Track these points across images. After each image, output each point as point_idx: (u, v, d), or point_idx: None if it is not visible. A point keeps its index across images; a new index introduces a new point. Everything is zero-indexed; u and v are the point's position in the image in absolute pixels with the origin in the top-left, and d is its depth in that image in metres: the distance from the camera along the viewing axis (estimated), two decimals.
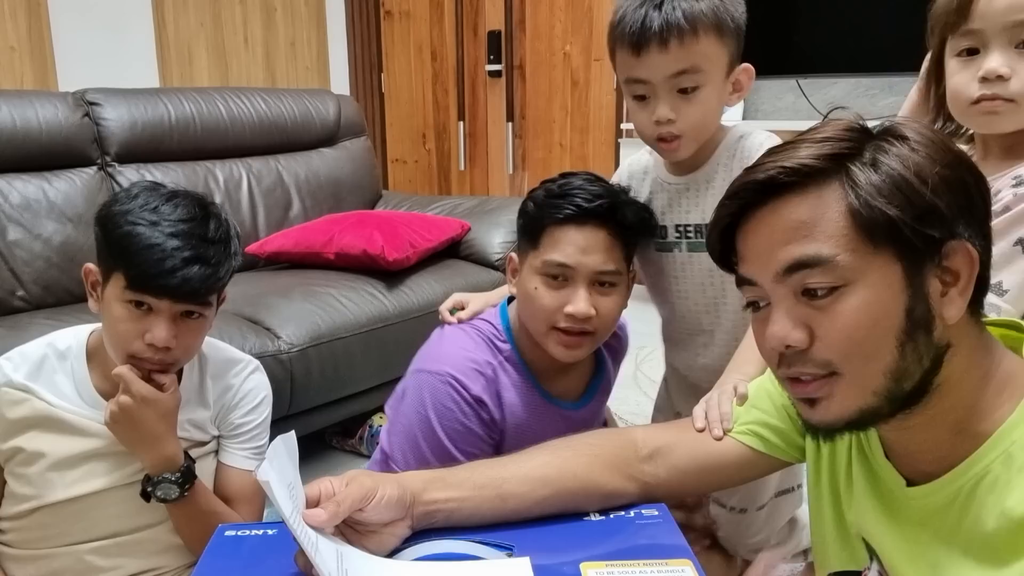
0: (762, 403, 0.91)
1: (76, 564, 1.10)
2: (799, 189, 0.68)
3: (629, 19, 1.07)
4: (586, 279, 1.08)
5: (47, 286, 2.05)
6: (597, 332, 1.10)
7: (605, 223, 1.08)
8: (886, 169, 0.65)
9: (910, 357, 0.66)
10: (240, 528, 0.84)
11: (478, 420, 1.12)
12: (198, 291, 1.02)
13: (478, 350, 1.15)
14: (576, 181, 1.10)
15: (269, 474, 0.68)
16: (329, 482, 0.78)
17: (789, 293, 0.68)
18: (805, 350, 0.68)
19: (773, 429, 0.89)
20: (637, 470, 0.89)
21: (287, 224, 2.61)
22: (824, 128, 0.70)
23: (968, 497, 0.68)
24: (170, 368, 1.07)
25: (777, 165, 0.68)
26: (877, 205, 0.64)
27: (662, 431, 0.95)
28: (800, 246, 0.67)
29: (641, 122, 1.13)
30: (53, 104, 2.20)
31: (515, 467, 0.86)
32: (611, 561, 0.76)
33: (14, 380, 1.09)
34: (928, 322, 0.66)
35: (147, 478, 1.07)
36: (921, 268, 0.66)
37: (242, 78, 4.14)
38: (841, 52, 3.03)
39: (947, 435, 0.70)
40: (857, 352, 0.66)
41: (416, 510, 0.81)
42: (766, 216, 0.69)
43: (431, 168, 4.78)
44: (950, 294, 0.66)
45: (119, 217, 1.03)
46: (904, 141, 0.66)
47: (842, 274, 0.65)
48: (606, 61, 1.13)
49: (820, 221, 0.66)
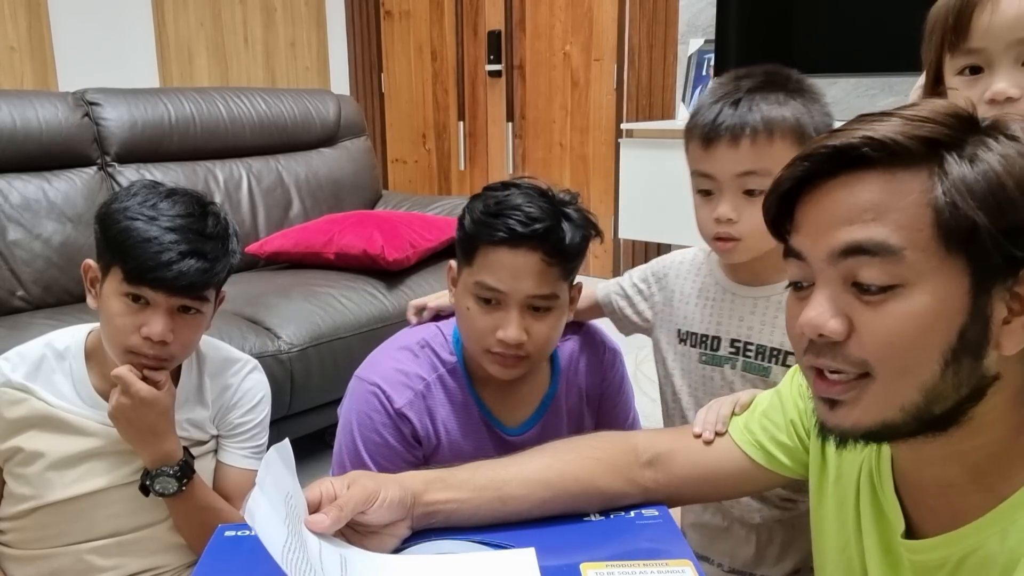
0: (772, 414, 0.88)
1: (76, 564, 1.10)
2: (881, 167, 0.60)
3: (704, 112, 1.03)
4: (519, 304, 1.02)
5: (47, 286, 2.05)
6: (532, 355, 1.06)
7: (541, 245, 1.00)
8: (984, 168, 0.57)
9: (950, 380, 0.60)
10: (240, 528, 0.84)
11: (397, 434, 1.09)
12: (194, 284, 1.03)
13: (413, 363, 1.12)
14: (515, 199, 1.02)
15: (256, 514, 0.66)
16: (330, 483, 0.77)
17: (837, 278, 0.61)
18: (839, 344, 0.61)
19: (779, 445, 0.87)
20: (638, 475, 0.88)
21: (287, 224, 2.61)
22: (924, 106, 0.61)
23: (956, 568, 0.65)
24: (167, 364, 1.07)
25: (862, 135, 0.60)
26: (964, 206, 0.57)
27: (663, 437, 0.94)
28: (865, 229, 0.59)
29: (702, 218, 1.07)
30: (53, 104, 2.20)
31: (516, 469, 0.86)
32: (611, 562, 0.76)
33: (13, 380, 1.09)
34: (980, 347, 0.59)
35: (145, 472, 1.08)
36: (990, 287, 0.58)
37: (242, 78, 4.14)
38: (841, 52, 3.03)
39: (963, 479, 0.65)
40: (896, 360, 0.60)
41: (416, 511, 0.81)
42: (836, 189, 0.61)
43: (431, 168, 4.78)
44: (1014, 323, 0.59)
45: (118, 213, 1.04)
46: (1014, 141, 0.58)
47: (902, 272, 0.58)
48: (606, 61, 1.12)
49: (895, 208, 0.58)
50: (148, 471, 1.08)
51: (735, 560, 1.23)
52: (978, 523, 0.63)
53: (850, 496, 0.78)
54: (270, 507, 0.69)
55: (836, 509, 0.81)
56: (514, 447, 0.97)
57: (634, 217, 3.44)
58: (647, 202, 3.37)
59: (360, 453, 1.09)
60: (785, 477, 0.88)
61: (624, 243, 3.80)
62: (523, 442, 1.11)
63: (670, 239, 3.59)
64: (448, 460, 1.01)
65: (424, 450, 1.12)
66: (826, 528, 0.82)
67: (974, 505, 0.64)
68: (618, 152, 3.49)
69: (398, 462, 1.09)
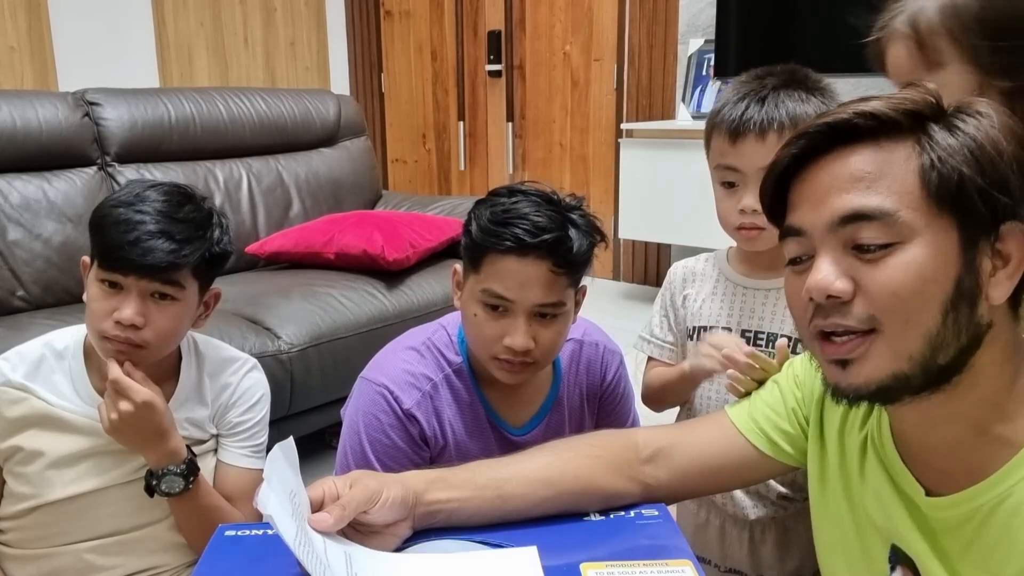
0: (773, 403, 0.90)
1: (76, 563, 1.10)
2: (870, 139, 0.66)
3: (730, 108, 1.08)
4: (526, 311, 1.03)
5: (47, 286, 2.05)
6: (538, 361, 1.07)
7: (549, 255, 1.01)
8: (962, 135, 0.65)
9: (951, 328, 0.65)
10: (240, 528, 0.84)
11: (405, 435, 1.09)
12: (160, 265, 1.02)
13: (420, 363, 1.12)
14: (522, 207, 1.02)
15: (269, 504, 0.67)
16: (332, 483, 0.77)
17: (838, 244, 0.66)
18: (846, 303, 0.66)
19: (782, 433, 0.88)
20: (639, 471, 0.89)
21: (287, 224, 2.61)
22: (901, 91, 0.68)
23: (986, 519, 0.67)
24: (142, 352, 1.06)
25: (852, 110, 0.66)
26: (951, 163, 0.63)
27: (664, 432, 0.94)
28: (862, 196, 0.65)
29: (725, 209, 1.12)
30: (53, 104, 2.20)
31: (517, 468, 0.86)
32: (611, 561, 0.76)
33: (12, 380, 1.09)
34: (974, 296, 0.65)
35: (150, 473, 1.08)
36: (976, 242, 0.65)
37: (242, 78, 4.14)
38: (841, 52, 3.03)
39: (969, 435, 0.68)
40: (901, 310, 0.64)
41: (418, 510, 0.81)
42: (830, 163, 0.67)
43: (431, 168, 4.78)
44: (998, 275, 0.66)
45: (103, 205, 1.07)
46: (981, 116, 0.66)
47: (899, 231, 0.64)
48: (606, 61, 1.13)
49: (887, 175, 0.65)
50: (152, 471, 1.07)
51: (729, 559, 1.24)
52: (1003, 471, 0.66)
53: (854, 474, 0.80)
54: (278, 502, 0.69)
55: (843, 490, 0.82)
56: (518, 447, 0.97)
57: (634, 217, 3.44)
58: (647, 202, 3.38)
59: (366, 454, 1.09)
60: (786, 466, 0.89)
61: (624, 243, 3.81)
62: (527, 442, 1.12)
63: (670, 239, 3.59)
64: (454, 460, 1.01)
65: (431, 451, 1.12)
66: (832, 513, 0.83)
67: (988, 457, 0.67)
68: (618, 152, 3.49)
69: (404, 463, 1.09)
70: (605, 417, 1.26)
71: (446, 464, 0.90)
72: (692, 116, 3.47)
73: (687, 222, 3.17)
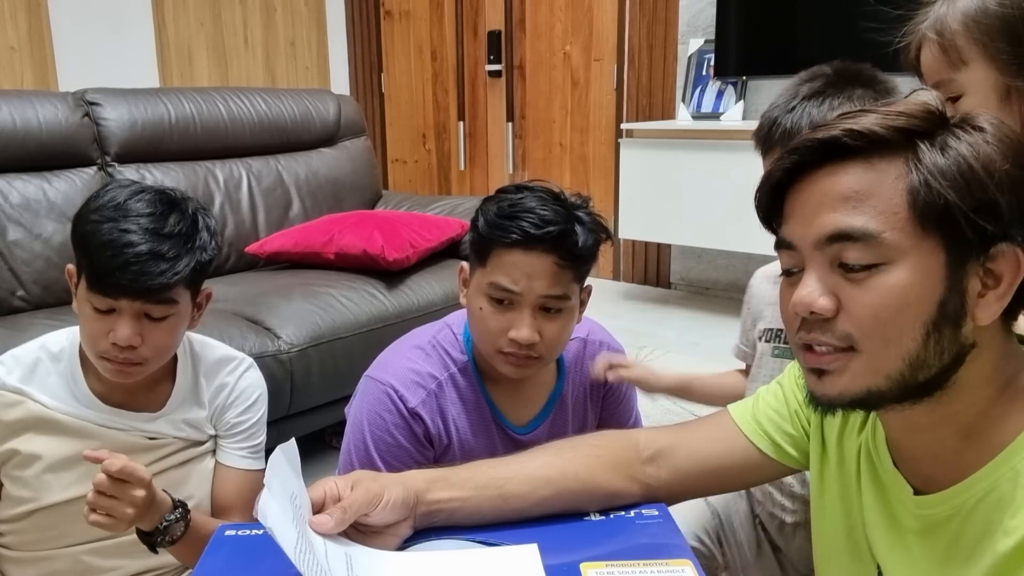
0: (777, 405, 0.90)
1: (75, 565, 1.10)
2: (861, 157, 0.65)
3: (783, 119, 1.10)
4: (532, 304, 1.04)
5: (47, 286, 2.05)
6: (543, 356, 1.08)
7: (555, 248, 1.03)
8: (954, 155, 0.63)
9: (932, 349, 0.65)
10: (240, 528, 0.84)
11: (409, 434, 1.09)
12: (152, 288, 1.00)
13: (425, 362, 1.13)
14: (528, 202, 1.04)
15: (268, 515, 0.66)
16: (333, 483, 0.77)
17: (825, 261, 0.67)
18: (828, 320, 0.66)
19: (786, 435, 0.88)
20: (639, 471, 0.89)
21: (287, 224, 2.61)
22: (900, 103, 0.68)
23: (970, 513, 0.67)
24: (141, 368, 1.05)
25: (844, 127, 0.66)
26: (937, 187, 0.62)
27: (665, 432, 0.94)
28: (848, 216, 0.65)
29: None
30: (53, 104, 2.20)
31: (517, 467, 0.86)
32: (611, 561, 0.76)
33: (8, 383, 1.09)
34: (958, 318, 0.64)
35: (147, 534, 1.00)
36: (964, 263, 0.64)
37: (242, 78, 4.14)
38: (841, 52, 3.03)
39: (955, 440, 0.69)
40: (880, 332, 0.65)
41: (419, 510, 0.80)
42: (821, 179, 0.67)
43: (431, 168, 4.78)
44: (988, 297, 0.65)
45: (85, 215, 1.04)
46: (979, 131, 0.65)
47: (884, 252, 0.64)
48: (606, 61, 1.13)
49: (875, 194, 0.64)
50: (150, 533, 1.00)
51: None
52: (985, 469, 0.67)
53: (852, 478, 0.81)
54: (279, 508, 0.69)
55: (840, 494, 0.82)
56: (522, 445, 0.98)
57: (634, 217, 3.44)
58: (647, 202, 3.37)
59: (370, 453, 1.09)
60: (789, 468, 0.90)
61: (624, 243, 3.80)
62: (531, 440, 1.12)
63: (670, 239, 3.59)
64: (458, 459, 1.02)
65: (435, 450, 1.12)
66: (828, 515, 0.83)
67: (972, 460, 0.68)
68: (618, 152, 3.49)
69: (408, 462, 1.09)
70: (608, 417, 1.26)
71: (450, 462, 0.90)
72: (692, 116, 3.47)
73: (687, 222, 3.17)
